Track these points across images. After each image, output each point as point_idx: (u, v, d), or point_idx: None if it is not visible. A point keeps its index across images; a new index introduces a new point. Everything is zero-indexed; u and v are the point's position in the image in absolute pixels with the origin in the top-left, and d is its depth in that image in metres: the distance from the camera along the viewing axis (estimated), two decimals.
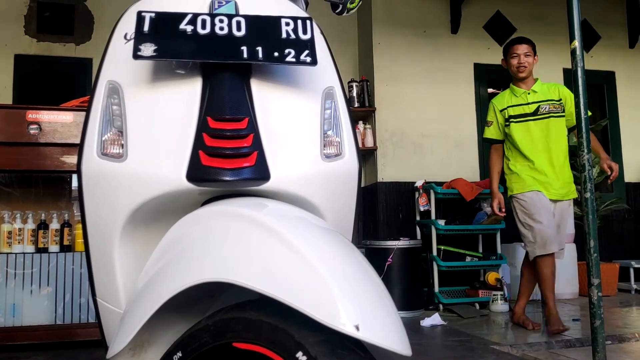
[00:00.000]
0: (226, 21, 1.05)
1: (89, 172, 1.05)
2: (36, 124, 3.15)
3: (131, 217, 1.02)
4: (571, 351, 3.20)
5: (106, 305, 1.12)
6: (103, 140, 1.05)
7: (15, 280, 3.16)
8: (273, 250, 0.84)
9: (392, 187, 5.35)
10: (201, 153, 0.97)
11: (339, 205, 1.13)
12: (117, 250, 1.04)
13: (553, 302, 3.72)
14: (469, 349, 3.16)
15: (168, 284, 0.90)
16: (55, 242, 3.33)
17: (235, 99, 1.01)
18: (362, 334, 0.76)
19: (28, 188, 3.59)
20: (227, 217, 0.91)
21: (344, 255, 0.87)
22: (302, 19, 1.09)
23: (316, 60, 1.05)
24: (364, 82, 5.52)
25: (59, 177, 3.51)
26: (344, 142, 1.14)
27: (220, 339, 0.89)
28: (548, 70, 5.96)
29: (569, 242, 5.28)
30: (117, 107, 1.07)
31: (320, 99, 1.14)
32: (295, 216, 0.94)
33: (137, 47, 0.99)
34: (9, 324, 3.12)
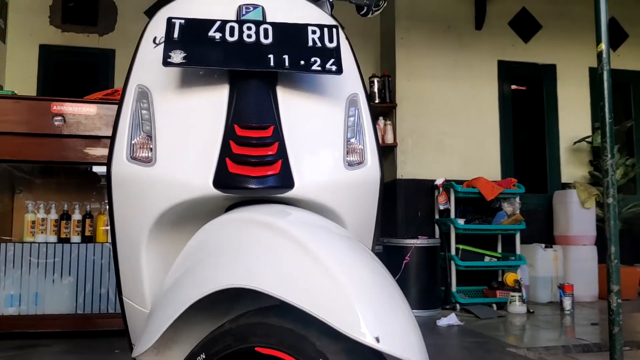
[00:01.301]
0: (254, 29, 1.06)
1: (118, 175, 1.07)
2: (60, 115, 3.20)
3: (158, 220, 1.04)
4: (589, 356, 3.18)
5: (132, 305, 1.14)
6: (132, 144, 1.07)
7: (38, 269, 3.22)
8: (295, 258, 0.86)
9: (412, 184, 5.33)
10: (228, 160, 0.98)
11: (361, 213, 1.14)
12: (144, 252, 1.07)
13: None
14: (486, 350, 3.15)
15: (193, 288, 0.92)
16: (77, 233, 3.39)
17: (261, 107, 1.02)
18: (382, 346, 0.77)
19: (51, 179, 3.66)
20: (251, 225, 0.92)
21: (365, 265, 0.88)
22: (329, 27, 1.10)
23: (341, 69, 1.05)
24: (386, 78, 5.50)
25: (82, 168, 3.57)
26: (366, 149, 1.15)
27: (243, 343, 0.91)
28: (574, 68, 5.90)
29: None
30: (146, 112, 1.08)
31: (345, 106, 1.15)
32: (317, 225, 0.95)
33: (167, 54, 1.01)
34: (31, 312, 3.19)
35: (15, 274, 3.19)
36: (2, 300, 3.16)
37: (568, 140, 5.83)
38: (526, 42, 5.88)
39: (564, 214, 5.35)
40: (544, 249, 5.14)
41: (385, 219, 5.54)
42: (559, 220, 5.43)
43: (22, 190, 3.71)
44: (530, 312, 4.47)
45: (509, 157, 5.75)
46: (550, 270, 5.13)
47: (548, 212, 5.61)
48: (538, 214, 5.62)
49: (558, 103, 5.90)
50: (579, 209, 5.26)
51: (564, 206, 5.37)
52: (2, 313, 3.15)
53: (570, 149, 5.83)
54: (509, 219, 4.95)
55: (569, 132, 5.84)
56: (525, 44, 5.87)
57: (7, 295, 3.17)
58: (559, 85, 5.92)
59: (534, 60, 5.86)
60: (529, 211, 5.50)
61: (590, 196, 5.22)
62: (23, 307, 3.19)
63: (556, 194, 5.53)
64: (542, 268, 5.11)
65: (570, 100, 5.90)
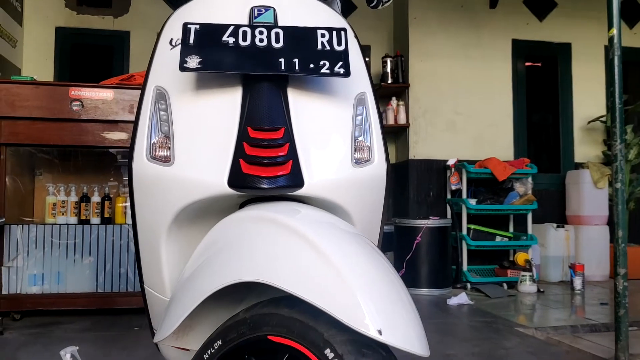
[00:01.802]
0: (265, 33, 1.11)
1: (138, 173, 1.14)
2: (78, 100, 3.27)
3: (177, 216, 1.11)
4: (596, 336, 3.23)
5: (153, 293, 1.22)
6: (152, 144, 1.13)
7: (59, 249, 3.33)
8: (304, 254, 0.92)
9: (424, 165, 5.37)
10: (241, 161, 1.04)
11: (368, 209, 1.20)
12: (164, 245, 1.14)
13: None
14: (494, 330, 3.22)
15: (210, 280, 0.98)
16: (96, 215, 3.50)
17: (273, 109, 1.08)
18: (385, 338, 0.83)
19: (70, 162, 3.76)
20: (263, 222, 0.99)
21: (369, 261, 0.94)
22: (337, 30, 1.14)
23: (349, 72, 1.10)
24: (399, 58, 5.50)
25: (100, 152, 3.66)
26: (373, 147, 1.20)
27: (257, 332, 0.98)
28: (589, 47, 5.85)
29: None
30: (164, 113, 1.14)
31: (352, 105, 1.20)
32: (325, 222, 1.01)
33: (184, 60, 1.06)
34: (54, 291, 3.31)
35: (38, 254, 3.31)
36: (25, 279, 3.28)
37: (582, 120, 5.80)
38: (541, 21, 5.83)
39: (577, 194, 5.37)
40: (556, 228, 5.17)
41: (398, 199, 5.59)
42: (572, 200, 5.45)
43: (42, 172, 3.81)
44: (541, 292, 4.53)
45: (522, 136, 5.75)
46: (561, 250, 5.17)
47: (561, 192, 5.62)
48: (550, 193, 5.64)
49: (572, 82, 5.87)
50: (592, 189, 5.26)
51: (576, 186, 5.37)
52: (26, 292, 3.27)
53: (584, 129, 5.81)
54: (521, 199, 4.98)
55: (583, 112, 5.81)
56: (540, 23, 5.82)
57: (30, 275, 3.29)
58: (574, 64, 5.87)
59: (548, 39, 5.81)
60: (542, 191, 5.53)
61: (603, 176, 5.23)
62: (46, 286, 3.31)
63: (569, 174, 5.54)
64: (553, 248, 5.15)
65: (585, 79, 5.86)
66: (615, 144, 2.52)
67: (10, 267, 3.26)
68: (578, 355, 2.79)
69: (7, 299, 3.25)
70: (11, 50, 4.86)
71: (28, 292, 3.28)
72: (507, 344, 2.91)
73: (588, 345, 3.00)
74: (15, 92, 3.22)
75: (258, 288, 1.14)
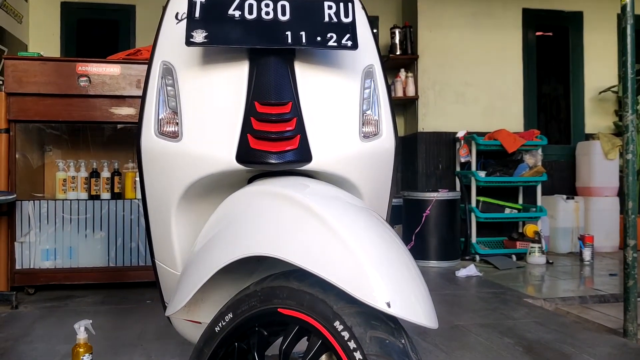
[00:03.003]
0: (271, 5, 1.10)
1: (147, 149, 1.14)
2: (86, 76, 3.27)
3: (186, 191, 1.11)
4: (604, 306, 3.25)
5: (164, 267, 1.23)
6: (160, 119, 1.13)
7: (71, 225, 3.37)
8: (313, 229, 0.92)
9: (433, 137, 5.34)
10: (249, 136, 1.04)
11: (376, 183, 1.20)
12: (174, 220, 1.14)
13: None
14: (502, 301, 3.24)
15: (220, 254, 0.99)
16: (106, 190, 3.52)
17: (280, 83, 1.07)
18: (393, 310, 0.84)
19: (79, 138, 3.77)
20: (272, 197, 0.99)
21: (378, 234, 0.94)
22: (345, 2, 1.12)
23: (357, 44, 1.09)
24: (407, 29, 5.43)
25: (109, 127, 3.66)
26: (381, 120, 1.20)
27: (267, 304, 0.99)
28: (601, 15, 5.75)
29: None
30: (171, 88, 1.14)
31: (360, 78, 1.19)
32: (333, 196, 1.01)
33: (190, 34, 1.05)
34: (66, 266, 3.36)
35: (49, 229, 3.34)
36: (39, 254, 3.32)
37: (593, 90, 5.73)
38: None
39: (587, 165, 5.33)
40: (565, 200, 5.16)
41: (406, 171, 5.59)
42: (582, 172, 5.41)
43: (52, 148, 3.83)
44: (550, 263, 4.54)
45: (532, 107, 5.69)
46: (571, 221, 5.17)
47: (571, 164, 5.59)
48: (561, 165, 5.61)
49: (584, 52, 5.78)
50: (602, 160, 5.23)
51: (587, 157, 5.34)
52: (39, 267, 3.32)
53: (596, 99, 5.74)
54: (531, 171, 4.95)
55: (595, 82, 5.74)
56: None
57: (43, 250, 3.33)
58: (586, 33, 5.77)
59: (560, 7, 5.71)
60: (552, 162, 5.50)
61: (614, 147, 5.18)
62: (59, 260, 3.35)
63: (579, 145, 5.50)
64: (562, 219, 5.14)
65: (596, 49, 5.77)
66: (626, 115, 2.49)
67: (23, 242, 3.30)
68: (586, 326, 2.81)
69: (21, 274, 3.30)
70: (17, 26, 4.85)
71: (41, 267, 3.33)
72: (515, 315, 2.93)
73: (596, 316, 3.01)
74: (22, 68, 3.22)
75: (268, 261, 1.15)
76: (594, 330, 2.72)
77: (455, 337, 2.55)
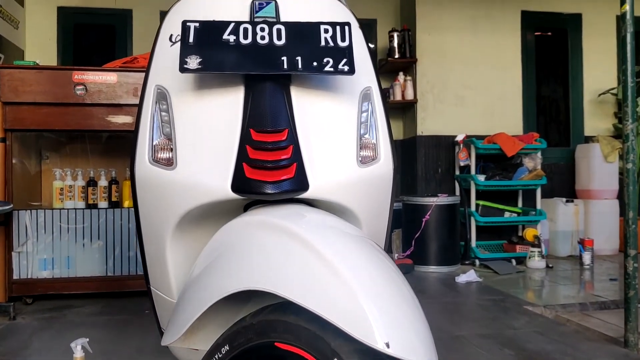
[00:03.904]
0: (267, 30, 1.08)
1: (141, 176, 1.12)
2: (82, 84, 3.25)
3: (181, 220, 1.09)
4: (605, 313, 3.23)
5: (160, 294, 1.21)
6: (154, 145, 1.11)
7: (68, 234, 3.35)
8: (309, 262, 0.90)
9: (432, 140, 5.32)
10: (245, 165, 1.02)
11: (374, 208, 1.18)
12: (169, 248, 1.12)
13: None
14: (503, 309, 3.22)
15: (215, 286, 0.97)
16: (104, 199, 3.50)
17: (276, 110, 1.05)
18: (392, 351, 0.82)
19: (76, 147, 3.75)
20: (267, 228, 0.96)
21: (377, 269, 0.92)
22: (341, 25, 1.10)
23: (354, 69, 1.07)
24: (406, 32, 5.41)
25: (106, 136, 3.64)
26: (379, 144, 1.17)
27: (264, 338, 0.97)
28: (600, 17, 5.73)
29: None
30: (165, 114, 1.12)
31: (358, 101, 1.17)
32: (329, 226, 0.98)
33: (184, 60, 1.03)
34: (64, 275, 3.34)
35: (47, 239, 3.32)
36: (36, 264, 3.30)
37: (592, 92, 5.71)
38: None
39: (586, 168, 5.32)
40: (565, 203, 5.14)
41: (405, 175, 5.56)
42: (581, 174, 5.40)
43: (49, 156, 3.81)
44: (550, 267, 4.52)
45: (532, 110, 5.67)
46: (570, 225, 5.15)
47: (570, 166, 5.57)
48: (560, 167, 5.60)
49: (583, 54, 5.76)
50: (602, 163, 5.21)
51: (586, 160, 5.32)
52: (37, 276, 3.30)
53: (595, 101, 5.73)
54: (530, 174, 4.94)
55: (594, 84, 5.72)
56: None
57: (40, 260, 3.31)
58: (585, 35, 5.75)
59: (559, 9, 5.69)
60: (551, 165, 5.48)
61: (613, 150, 5.16)
62: (56, 270, 3.33)
63: (579, 148, 5.48)
64: (562, 222, 5.13)
65: (595, 51, 5.75)
66: (626, 124, 2.47)
67: (21, 252, 3.28)
68: (587, 335, 2.79)
69: (19, 284, 3.28)
70: (13, 31, 4.82)
71: (39, 277, 3.31)
72: (515, 324, 2.91)
73: (597, 324, 2.99)
74: (18, 77, 3.20)
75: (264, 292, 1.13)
76: (595, 339, 2.71)
77: (456, 348, 2.53)
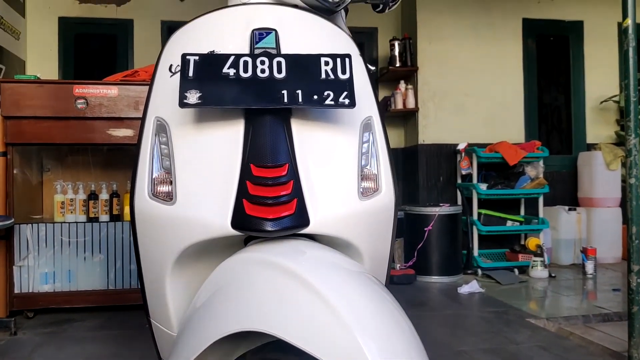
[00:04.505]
0: (267, 63, 1.07)
1: (140, 211, 1.11)
2: (83, 98, 3.25)
3: (180, 255, 1.09)
4: (608, 326, 3.22)
5: (160, 327, 1.20)
6: (153, 179, 1.11)
7: (69, 248, 3.34)
8: (309, 303, 0.88)
9: (433, 149, 5.31)
10: (245, 202, 1.01)
11: (376, 242, 1.17)
12: (169, 282, 1.11)
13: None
14: (505, 322, 3.21)
15: (214, 326, 0.96)
16: (105, 212, 3.49)
17: (276, 144, 1.04)
18: None
19: (78, 158, 3.75)
20: (267, 266, 0.95)
21: (377, 307, 0.90)
22: (342, 57, 1.10)
23: (354, 102, 1.06)
24: (406, 40, 5.40)
25: (107, 149, 3.64)
26: (380, 175, 1.16)
27: None
28: (601, 24, 5.72)
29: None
30: (165, 147, 1.11)
31: (359, 132, 1.16)
32: (330, 263, 0.97)
33: (183, 95, 1.02)
34: (65, 289, 3.33)
35: (48, 252, 3.32)
36: (37, 278, 3.30)
37: (594, 100, 5.71)
38: None
39: (589, 176, 5.30)
40: (568, 211, 5.13)
41: (407, 184, 5.55)
42: (584, 182, 5.39)
43: (50, 168, 3.81)
44: (552, 277, 4.51)
45: (534, 118, 5.66)
46: (573, 233, 5.14)
47: (572, 174, 5.56)
48: (562, 175, 5.58)
49: (584, 61, 5.75)
50: (604, 171, 5.20)
51: (588, 168, 5.31)
52: (38, 290, 3.30)
53: (597, 108, 5.72)
54: (532, 183, 4.92)
55: (596, 91, 5.71)
56: (551, 1, 5.68)
57: (42, 273, 3.31)
58: (586, 42, 5.75)
59: (560, 17, 5.69)
60: (553, 173, 5.47)
61: (615, 158, 5.15)
62: (57, 284, 3.33)
63: (581, 156, 5.47)
64: (565, 230, 5.12)
65: (597, 58, 5.74)
66: (629, 138, 2.45)
67: (22, 266, 3.28)
68: (590, 350, 2.78)
69: (20, 298, 3.27)
70: (15, 42, 4.83)
71: (40, 291, 3.30)
72: (518, 338, 2.90)
73: (600, 337, 2.98)
74: (19, 91, 3.20)
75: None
76: (598, 354, 2.69)
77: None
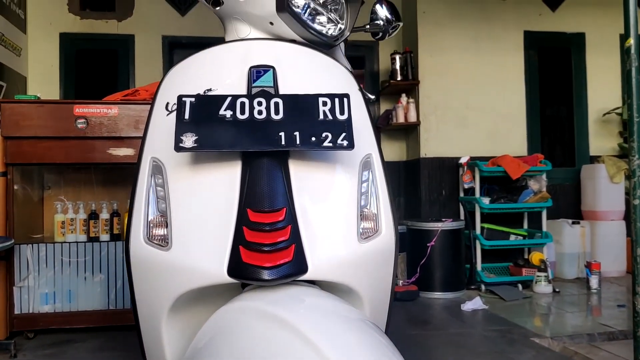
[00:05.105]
0: (264, 104, 1.05)
1: (136, 256, 1.09)
2: (83, 118, 3.24)
3: (176, 301, 1.07)
4: (614, 344, 3.18)
5: None
6: (149, 221, 1.09)
7: (70, 268, 3.32)
8: (303, 355, 0.86)
9: (435, 163, 5.29)
10: (241, 249, 0.99)
11: (376, 285, 1.14)
12: (164, 327, 1.10)
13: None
14: (509, 341, 3.17)
15: None
16: (105, 232, 3.48)
17: (273, 189, 1.02)
18: None
19: (79, 176, 3.74)
20: (261, 316, 0.92)
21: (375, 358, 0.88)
22: (340, 98, 1.08)
23: (353, 144, 1.04)
24: (408, 54, 5.39)
25: (107, 168, 3.63)
26: (380, 215, 1.14)
27: None
28: (603, 36, 5.71)
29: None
30: (160, 189, 1.09)
31: (358, 171, 1.14)
32: (327, 311, 0.94)
33: (179, 139, 1.01)
34: (65, 309, 3.31)
35: (48, 273, 3.30)
36: (37, 298, 3.27)
37: (597, 112, 5.68)
38: (553, 11, 5.68)
39: (592, 189, 5.27)
40: (571, 225, 5.09)
41: (409, 198, 5.53)
42: (587, 195, 5.35)
43: (51, 186, 3.80)
44: (556, 292, 4.47)
45: (536, 130, 5.64)
46: (577, 247, 5.10)
47: (576, 187, 5.53)
48: (565, 188, 5.55)
49: (587, 73, 5.73)
50: (608, 184, 5.17)
51: (592, 181, 5.28)
52: (39, 311, 3.27)
53: (600, 121, 5.69)
54: (535, 197, 4.89)
55: (598, 104, 5.69)
56: (552, 13, 5.68)
57: (42, 294, 3.29)
58: (588, 54, 5.73)
59: (562, 29, 5.67)
60: (556, 186, 5.44)
61: (619, 171, 5.12)
62: (58, 304, 3.31)
63: (584, 168, 5.44)
64: (569, 244, 5.08)
65: (599, 70, 5.72)
66: (633, 159, 2.43)
67: (22, 287, 3.26)
68: None
69: (20, 319, 3.25)
70: (16, 59, 4.83)
71: (40, 311, 3.28)
72: (522, 359, 2.86)
73: (605, 357, 2.95)
74: (19, 111, 3.19)
75: None
76: None
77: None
